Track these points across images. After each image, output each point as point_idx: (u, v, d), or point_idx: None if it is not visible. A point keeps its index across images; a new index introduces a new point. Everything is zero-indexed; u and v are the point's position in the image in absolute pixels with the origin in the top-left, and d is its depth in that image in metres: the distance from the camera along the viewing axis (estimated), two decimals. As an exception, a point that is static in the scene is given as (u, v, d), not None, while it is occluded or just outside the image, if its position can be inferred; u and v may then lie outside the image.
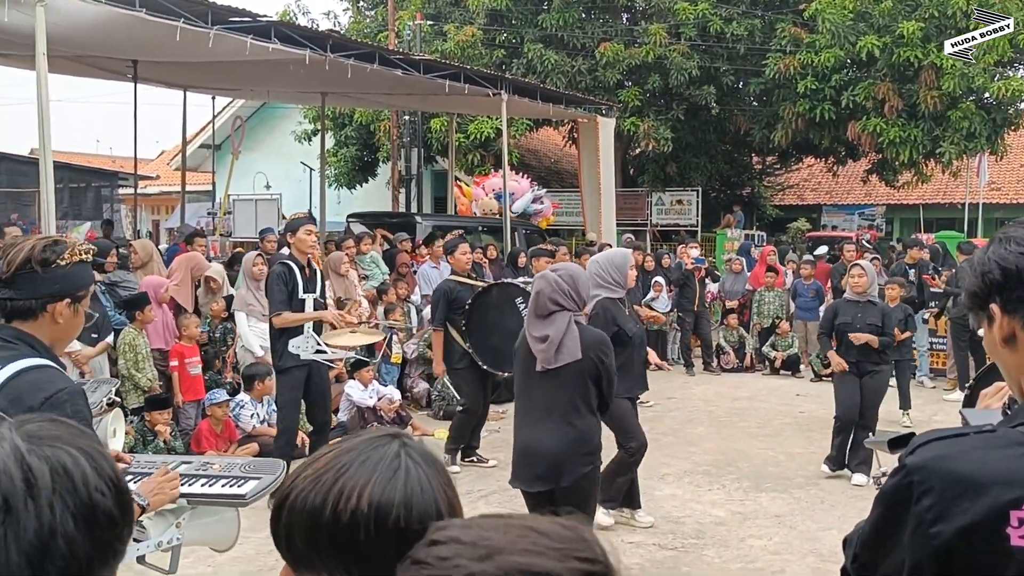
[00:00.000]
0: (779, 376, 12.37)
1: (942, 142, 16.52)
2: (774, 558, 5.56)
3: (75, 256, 2.39)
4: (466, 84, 12.05)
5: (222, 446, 7.48)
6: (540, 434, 4.16)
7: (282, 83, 13.38)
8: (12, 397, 2.18)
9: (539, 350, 4.14)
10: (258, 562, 5.25)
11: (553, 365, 4.09)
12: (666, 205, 20.83)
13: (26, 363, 2.24)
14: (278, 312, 6.35)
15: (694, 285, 12.52)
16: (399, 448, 1.13)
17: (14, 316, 2.34)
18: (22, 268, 2.32)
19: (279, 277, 6.36)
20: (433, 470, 1.14)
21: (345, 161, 20.99)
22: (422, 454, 1.15)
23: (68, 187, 18.27)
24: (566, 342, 4.07)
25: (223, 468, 3.24)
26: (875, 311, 7.39)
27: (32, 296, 2.33)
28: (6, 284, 2.33)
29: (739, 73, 18.80)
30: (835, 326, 7.48)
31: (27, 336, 2.32)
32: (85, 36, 9.34)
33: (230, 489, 3.09)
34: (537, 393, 4.20)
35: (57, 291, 2.35)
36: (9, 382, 2.20)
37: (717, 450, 8.26)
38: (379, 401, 8.60)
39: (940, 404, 10.53)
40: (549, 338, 4.09)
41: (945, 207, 25.00)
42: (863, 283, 7.46)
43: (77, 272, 2.40)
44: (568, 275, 4.23)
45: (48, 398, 2.18)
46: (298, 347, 6.40)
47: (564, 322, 4.11)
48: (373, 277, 10.41)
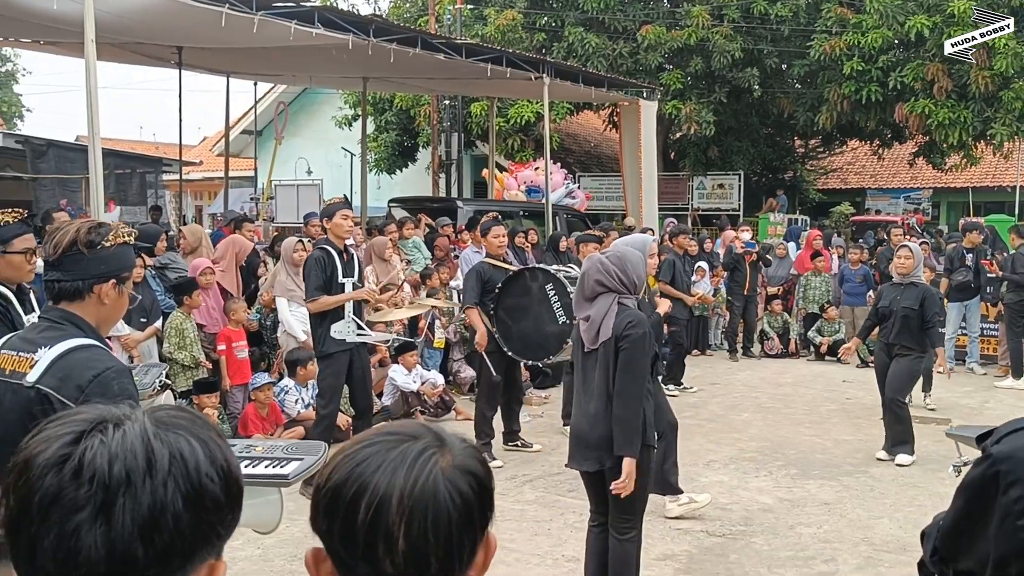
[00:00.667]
0: (824, 362, 12.21)
1: (993, 123, 16.16)
2: (824, 546, 5.49)
3: (119, 238, 2.45)
4: (508, 68, 12.00)
5: (268, 429, 7.54)
6: (586, 415, 4.16)
7: (324, 68, 13.43)
8: (62, 375, 2.27)
9: (584, 330, 4.18)
10: (306, 544, 5.28)
11: (594, 345, 4.11)
12: (707, 189, 20.64)
13: (74, 342, 2.33)
14: (314, 297, 6.34)
15: (744, 269, 12.37)
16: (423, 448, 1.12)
17: (62, 297, 2.41)
18: (69, 250, 2.38)
19: (317, 262, 6.36)
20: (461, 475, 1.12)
21: (385, 146, 21.03)
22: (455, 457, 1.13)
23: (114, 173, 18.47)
24: (605, 322, 4.07)
25: (266, 450, 3.30)
26: (914, 293, 7.32)
27: (79, 277, 2.39)
28: (54, 266, 2.40)
29: (783, 55, 18.53)
30: (877, 310, 7.52)
31: (74, 317, 2.40)
32: (132, 23, 9.42)
33: (273, 470, 3.13)
34: (586, 374, 4.22)
35: (103, 272, 2.41)
36: (58, 361, 2.29)
37: (763, 436, 8.17)
38: (423, 385, 8.62)
39: (992, 391, 10.32)
40: (591, 318, 4.12)
41: (994, 190, 24.53)
42: (908, 264, 7.39)
43: (121, 253, 2.46)
44: (617, 257, 4.19)
45: (96, 376, 2.26)
46: (340, 331, 6.40)
47: (606, 304, 4.10)
48: (416, 262, 10.41)
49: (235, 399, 7.84)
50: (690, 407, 9.35)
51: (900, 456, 7.25)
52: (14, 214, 4.17)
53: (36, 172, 17.29)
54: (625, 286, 4.14)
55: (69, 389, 2.25)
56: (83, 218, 9.94)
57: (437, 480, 1.09)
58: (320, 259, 6.37)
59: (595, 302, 4.13)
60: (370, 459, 1.11)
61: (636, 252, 4.35)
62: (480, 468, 1.15)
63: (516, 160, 19.59)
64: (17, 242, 4.01)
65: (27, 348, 2.36)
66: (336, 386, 6.59)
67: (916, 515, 6.06)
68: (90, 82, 7.63)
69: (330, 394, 6.59)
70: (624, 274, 4.13)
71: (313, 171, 21.74)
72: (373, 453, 1.12)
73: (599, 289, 4.13)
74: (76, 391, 2.24)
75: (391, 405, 8.55)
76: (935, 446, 7.82)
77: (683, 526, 5.78)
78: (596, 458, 4.12)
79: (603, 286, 4.12)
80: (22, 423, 2.27)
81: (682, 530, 5.71)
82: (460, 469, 1.12)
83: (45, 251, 2.48)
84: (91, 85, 7.63)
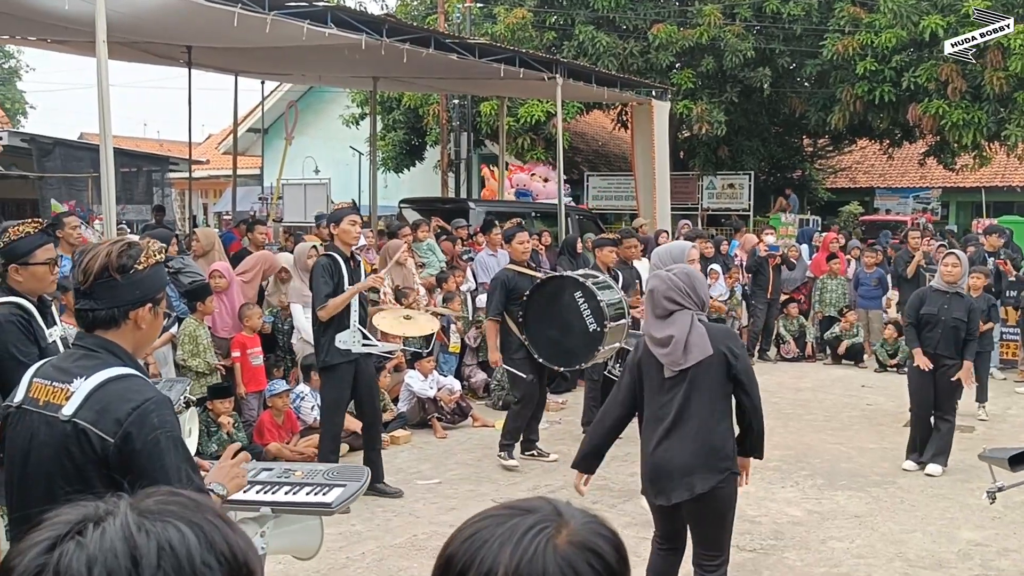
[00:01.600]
0: (841, 366, 12.07)
1: (1008, 124, 16.01)
2: (858, 562, 5.36)
3: (151, 259, 2.32)
4: (521, 68, 11.86)
5: (284, 437, 7.42)
6: (672, 444, 3.91)
7: (334, 68, 13.29)
8: (99, 408, 2.15)
9: (663, 353, 3.89)
10: (329, 560, 5.17)
11: (685, 365, 3.85)
12: (717, 189, 20.47)
13: (112, 372, 2.21)
14: (323, 305, 6.14)
15: (768, 272, 12.23)
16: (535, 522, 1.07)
17: (96, 326, 2.29)
18: (100, 276, 2.26)
19: (324, 269, 6.15)
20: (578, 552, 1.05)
21: (393, 145, 20.89)
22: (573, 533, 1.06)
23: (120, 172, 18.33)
24: (692, 339, 3.83)
25: (306, 475, 3.19)
26: (962, 304, 7.14)
27: (114, 305, 2.27)
28: (85, 295, 2.28)
29: (795, 54, 18.37)
30: (920, 316, 7.24)
31: (110, 344, 2.28)
32: (143, 22, 9.29)
33: (315, 497, 3.03)
34: (667, 400, 3.94)
35: (138, 297, 2.30)
36: (95, 392, 2.17)
37: (785, 444, 8.04)
38: (439, 392, 8.50)
39: (1013, 397, 10.20)
40: (674, 338, 3.85)
41: (1003, 190, 24.37)
42: (956, 273, 7.18)
43: (154, 274, 2.35)
44: (684, 273, 4.02)
45: (135, 409, 2.15)
46: (345, 342, 6.18)
47: (687, 320, 3.88)
48: (430, 265, 10.29)
49: (250, 406, 7.72)
50: (709, 413, 9.21)
51: (932, 466, 7.11)
52: (34, 224, 4.05)
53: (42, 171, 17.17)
54: (695, 302, 3.96)
55: (107, 423, 2.13)
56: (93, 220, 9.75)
57: (547, 557, 1.02)
58: (327, 266, 6.18)
59: (672, 320, 3.91)
60: (480, 532, 1.06)
61: (700, 273, 4.27)
62: (604, 545, 1.07)
63: (526, 160, 19.47)
64: (39, 253, 3.90)
65: (62, 378, 2.23)
66: (339, 399, 6.38)
67: (949, 528, 5.94)
68: (102, 83, 7.49)
69: (333, 408, 6.38)
70: (694, 291, 3.95)
71: (320, 170, 21.62)
72: (484, 527, 1.07)
73: (672, 307, 3.92)
74: (115, 425, 2.13)
75: (407, 411, 8.43)
76: (962, 455, 7.68)
77: (713, 540, 5.65)
78: (686, 486, 3.88)
79: (676, 303, 3.92)
80: (58, 459, 2.17)
81: (712, 545, 5.58)
82: (578, 545, 1.05)
83: (74, 277, 2.36)
84: (103, 86, 7.49)
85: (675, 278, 3.96)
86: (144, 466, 2.12)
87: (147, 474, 2.11)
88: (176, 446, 2.19)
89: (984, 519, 6.10)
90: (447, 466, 7.36)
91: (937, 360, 7.14)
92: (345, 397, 6.41)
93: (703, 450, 3.87)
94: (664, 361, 3.91)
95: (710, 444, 3.87)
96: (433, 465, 7.38)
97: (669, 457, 3.91)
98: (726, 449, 3.95)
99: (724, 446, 3.95)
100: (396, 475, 6.90)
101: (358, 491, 3.14)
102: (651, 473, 4.02)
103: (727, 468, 3.94)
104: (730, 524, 4.06)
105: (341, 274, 6.18)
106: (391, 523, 5.92)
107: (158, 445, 2.14)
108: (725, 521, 4.00)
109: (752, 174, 20.20)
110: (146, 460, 2.12)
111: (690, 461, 3.87)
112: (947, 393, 7.16)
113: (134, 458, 2.12)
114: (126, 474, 2.10)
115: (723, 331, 4.02)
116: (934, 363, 7.14)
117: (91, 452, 2.12)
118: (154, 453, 2.13)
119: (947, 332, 7.11)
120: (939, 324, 7.12)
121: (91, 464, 2.13)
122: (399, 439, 7.93)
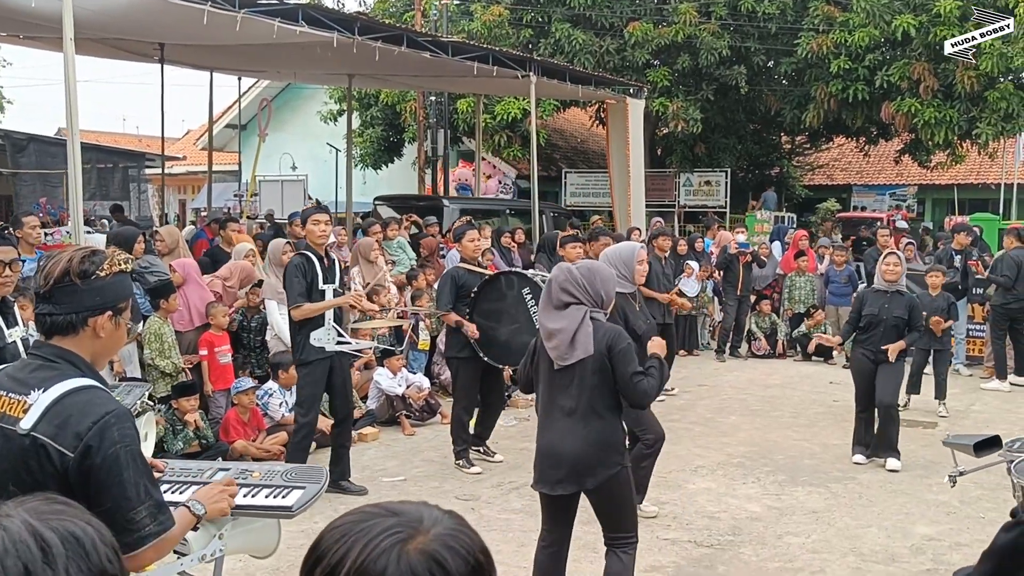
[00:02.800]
0: (811, 362, 12.20)
1: (979, 123, 16.17)
2: (813, 557, 5.45)
3: (114, 266, 2.30)
4: (495, 66, 11.89)
5: (250, 435, 7.44)
6: (560, 435, 3.96)
7: (309, 65, 13.28)
8: (59, 422, 2.13)
9: (551, 347, 3.93)
10: (288, 557, 5.20)
11: (569, 361, 3.89)
12: (694, 186, 20.59)
13: (71, 384, 2.18)
14: (297, 304, 6.20)
15: (737, 270, 12.34)
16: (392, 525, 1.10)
17: (54, 332, 2.27)
18: (61, 281, 2.24)
19: (297, 268, 6.20)
20: (424, 561, 1.07)
21: (370, 142, 20.89)
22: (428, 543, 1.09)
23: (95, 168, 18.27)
24: (579, 336, 3.85)
25: (264, 476, 3.17)
26: (902, 302, 7.32)
27: (72, 311, 2.25)
28: (45, 299, 2.26)
29: (770, 52, 18.48)
30: (861, 316, 7.45)
31: (68, 354, 2.26)
32: (112, 19, 9.27)
33: (275, 500, 3.02)
34: (556, 391, 3.99)
35: (98, 304, 2.27)
36: (54, 406, 2.14)
37: (751, 441, 8.14)
38: (408, 389, 8.54)
39: (978, 393, 10.33)
40: (563, 332, 3.88)
41: (978, 187, 24.62)
42: (896, 272, 7.36)
43: (117, 283, 2.31)
44: (587, 269, 4.02)
45: (95, 423, 2.13)
46: (320, 339, 6.26)
47: (579, 316, 3.89)
48: (400, 263, 10.32)
49: (217, 404, 7.73)
50: (677, 410, 9.31)
51: (891, 461, 7.27)
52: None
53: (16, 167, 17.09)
54: (592, 299, 3.96)
55: (66, 438, 2.11)
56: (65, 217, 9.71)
57: (391, 560, 1.05)
58: (300, 265, 6.23)
59: (565, 314, 3.93)
60: (344, 527, 1.11)
61: (608, 268, 4.19)
62: (452, 559, 1.08)
63: (503, 157, 19.52)
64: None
65: (18, 389, 2.20)
66: (315, 394, 6.46)
67: (904, 523, 6.04)
68: (69, 81, 7.49)
69: (309, 402, 6.44)
70: (592, 287, 3.95)
71: (298, 166, 21.59)
72: (350, 523, 1.11)
73: (568, 299, 3.94)
74: (75, 439, 2.11)
75: (376, 409, 8.47)
76: (923, 451, 7.82)
77: (671, 536, 5.73)
78: (575, 480, 3.97)
79: (572, 296, 3.93)
80: (15, 472, 2.14)
81: (670, 540, 5.66)
82: (425, 555, 1.07)
83: (35, 282, 2.35)
84: (70, 84, 7.49)
85: (576, 272, 3.97)
86: (103, 480, 2.12)
87: (105, 488, 2.11)
88: (135, 460, 2.18)
89: (939, 514, 6.21)
90: (413, 463, 7.41)
91: (877, 357, 7.32)
92: (320, 392, 6.50)
93: (591, 447, 3.92)
94: (551, 355, 3.94)
95: (598, 440, 3.91)
96: (399, 462, 7.42)
97: (557, 451, 3.96)
98: (615, 444, 3.99)
99: (612, 442, 3.98)
100: (362, 472, 6.94)
101: (318, 493, 3.13)
102: (540, 463, 4.09)
103: (617, 463, 3.99)
104: (631, 507, 4.14)
105: (315, 273, 6.23)
106: (354, 520, 5.95)
107: (118, 460, 2.13)
108: (625, 506, 4.06)
109: (729, 171, 20.33)
110: (105, 475, 2.11)
111: (579, 456, 3.92)
112: (887, 387, 7.31)
113: (93, 472, 2.11)
114: (85, 488, 2.10)
115: (610, 332, 3.97)
116: (875, 360, 7.34)
117: (50, 467, 2.11)
118: (114, 468, 2.12)
119: (888, 331, 7.28)
120: (880, 324, 7.30)
121: (50, 479, 2.11)
122: (367, 436, 7.96)
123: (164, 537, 2.23)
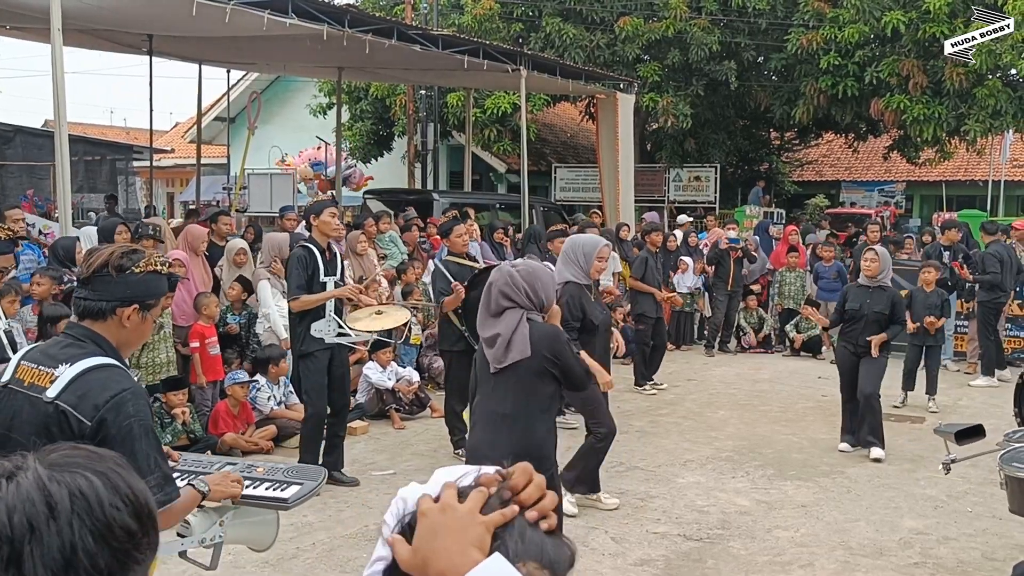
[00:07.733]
0: (800, 357, 12.24)
1: (967, 120, 16.22)
2: (801, 550, 5.47)
3: (150, 266, 2.55)
4: (485, 60, 11.88)
5: (239, 428, 7.42)
6: (491, 439, 3.85)
7: (298, 57, 13.24)
8: (80, 393, 2.36)
9: (490, 353, 3.86)
10: (279, 550, 5.20)
11: (503, 364, 3.80)
12: (684, 181, 20.61)
13: (94, 361, 2.41)
14: (295, 296, 6.23)
15: (728, 265, 12.38)
16: None
17: (86, 315, 2.50)
18: (99, 271, 2.49)
19: (299, 260, 6.24)
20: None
21: (360, 135, 20.83)
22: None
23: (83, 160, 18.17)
24: (515, 339, 3.78)
25: (267, 472, 3.34)
26: (883, 298, 7.41)
27: (104, 299, 2.49)
28: (83, 284, 2.53)
29: (760, 48, 18.51)
30: (844, 312, 7.58)
31: (96, 336, 2.49)
32: (100, 10, 9.22)
33: (274, 492, 3.17)
34: (491, 396, 3.91)
35: (128, 296, 2.50)
36: (78, 379, 2.37)
37: (740, 435, 8.16)
38: (398, 383, 8.53)
39: (964, 389, 10.39)
40: (500, 337, 3.80)
41: (966, 184, 24.73)
42: (874, 268, 7.48)
43: (149, 280, 2.55)
44: (527, 271, 3.90)
45: (112, 397, 2.36)
46: (320, 331, 6.31)
47: (515, 319, 3.81)
48: (392, 257, 10.30)
49: (205, 396, 7.70)
50: (667, 404, 9.33)
51: (875, 450, 7.37)
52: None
53: (2, 159, 17.00)
54: (532, 303, 3.85)
55: (86, 408, 2.33)
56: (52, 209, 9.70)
57: None
58: (302, 258, 6.25)
59: (501, 319, 3.83)
60: None
61: (548, 272, 4.10)
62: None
63: (494, 151, 19.51)
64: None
65: (48, 363, 2.43)
66: (320, 384, 6.45)
67: (892, 517, 6.06)
68: (57, 72, 7.45)
69: (315, 393, 6.45)
70: (532, 291, 3.84)
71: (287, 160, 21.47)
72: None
73: (506, 304, 3.83)
74: (93, 410, 2.33)
75: (365, 402, 8.46)
76: (911, 445, 7.86)
77: (660, 530, 5.74)
78: None
79: (510, 301, 3.83)
80: (37, 437, 2.31)
81: (659, 534, 5.67)
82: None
83: (79, 269, 2.62)
84: (58, 75, 7.46)
85: (516, 275, 3.84)
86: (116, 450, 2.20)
87: None
88: (147, 434, 2.40)
89: (927, 508, 6.24)
90: (403, 457, 7.40)
91: (858, 351, 7.44)
92: (324, 382, 6.48)
93: (522, 453, 3.66)
94: (489, 358, 3.86)
95: (528, 446, 3.76)
96: (389, 456, 7.41)
97: (487, 453, 3.78)
98: (545, 451, 3.87)
99: (543, 447, 3.88)
100: (351, 466, 6.92)
101: (314, 490, 3.27)
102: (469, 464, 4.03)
103: (545, 468, 3.83)
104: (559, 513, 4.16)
105: (316, 265, 6.25)
106: (343, 514, 5.96)
107: (131, 432, 2.35)
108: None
109: (718, 167, 20.36)
110: (119, 445, 2.26)
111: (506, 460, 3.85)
112: (868, 381, 7.39)
113: (107, 443, 2.26)
114: None
115: (547, 333, 3.88)
116: (856, 354, 7.46)
117: (69, 432, 2.30)
118: (127, 439, 2.33)
119: (869, 326, 7.39)
120: (862, 319, 7.42)
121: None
122: (357, 430, 7.94)
123: (169, 507, 2.43)
